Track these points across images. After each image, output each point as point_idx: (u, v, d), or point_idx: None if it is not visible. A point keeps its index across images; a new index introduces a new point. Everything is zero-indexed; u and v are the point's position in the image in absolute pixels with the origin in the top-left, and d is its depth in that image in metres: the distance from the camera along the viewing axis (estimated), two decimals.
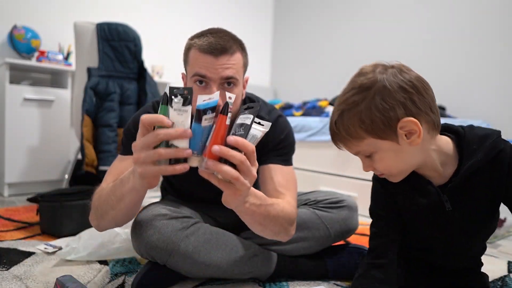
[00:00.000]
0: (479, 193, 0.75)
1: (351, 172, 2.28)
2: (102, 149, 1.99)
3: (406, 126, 0.68)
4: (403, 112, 0.68)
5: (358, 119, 0.69)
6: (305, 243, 1.08)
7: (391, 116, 0.67)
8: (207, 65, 0.91)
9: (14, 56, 2.35)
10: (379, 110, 0.68)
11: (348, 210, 1.13)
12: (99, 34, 2.00)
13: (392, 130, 0.69)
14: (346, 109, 0.71)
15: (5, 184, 2.15)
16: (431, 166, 0.76)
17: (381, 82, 0.69)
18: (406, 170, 0.75)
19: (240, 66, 0.96)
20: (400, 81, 0.68)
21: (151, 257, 0.98)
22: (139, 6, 3.04)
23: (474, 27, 2.49)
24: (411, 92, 0.68)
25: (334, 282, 1.11)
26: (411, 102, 0.68)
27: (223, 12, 3.59)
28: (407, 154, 0.71)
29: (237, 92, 0.96)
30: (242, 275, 1.03)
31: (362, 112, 0.69)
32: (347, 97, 0.72)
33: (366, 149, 0.73)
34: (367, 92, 0.69)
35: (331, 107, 2.50)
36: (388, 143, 0.70)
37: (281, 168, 1.04)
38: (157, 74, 2.93)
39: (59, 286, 0.90)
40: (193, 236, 0.98)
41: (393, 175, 0.76)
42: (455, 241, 0.82)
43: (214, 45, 0.91)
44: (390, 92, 0.68)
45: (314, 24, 3.61)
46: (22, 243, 1.35)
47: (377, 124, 0.68)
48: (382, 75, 0.70)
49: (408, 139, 0.69)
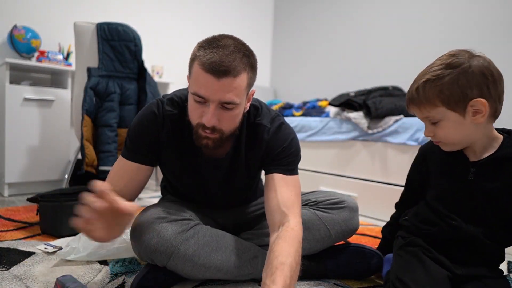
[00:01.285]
0: (502, 181, 0.84)
1: (351, 172, 2.28)
2: (102, 149, 1.99)
3: (476, 105, 0.80)
4: (477, 93, 0.80)
5: (439, 89, 0.81)
6: (306, 244, 1.08)
7: (467, 93, 0.80)
8: (207, 86, 0.86)
9: (14, 56, 2.35)
10: (459, 86, 0.80)
11: (348, 210, 1.12)
12: (99, 34, 2.00)
13: (463, 105, 0.81)
14: (430, 79, 0.82)
15: (5, 184, 2.15)
16: (476, 147, 0.87)
17: (467, 64, 0.81)
18: (459, 143, 0.87)
19: (243, 88, 0.89)
20: (484, 68, 0.81)
21: (151, 260, 0.98)
22: (139, 6, 3.04)
23: (474, 27, 2.49)
24: (489, 80, 0.80)
25: (334, 282, 1.11)
26: (486, 87, 0.80)
27: (223, 12, 3.59)
28: (466, 130, 0.84)
29: (236, 112, 0.93)
30: (242, 277, 1.03)
31: (444, 84, 0.81)
32: (434, 70, 0.83)
33: (435, 116, 0.84)
34: (454, 69, 0.81)
35: (331, 107, 2.50)
36: (455, 115, 0.82)
37: (285, 179, 1.00)
38: (157, 74, 2.93)
39: (59, 286, 0.90)
40: (193, 238, 0.98)
41: (447, 143, 0.87)
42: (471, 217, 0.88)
43: (217, 66, 0.84)
44: (473, 74, 0.80)
45: (314, 25, 3.61)
46: (22, 243, 1.35)
47: (453, 97, 0.81)
48: (469, 59, 0.81)
49: (473, 117, 0.82)
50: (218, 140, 0.94)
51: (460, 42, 2.54)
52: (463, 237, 0.88)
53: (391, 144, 2.06)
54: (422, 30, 2.76)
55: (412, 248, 0.94)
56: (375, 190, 2.13)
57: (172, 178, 1.16)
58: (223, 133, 0.94)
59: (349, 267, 1.13)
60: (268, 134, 1.05)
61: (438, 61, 0.85)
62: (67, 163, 2.32)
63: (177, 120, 1.03)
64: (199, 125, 0.92)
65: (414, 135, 1.94)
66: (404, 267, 0.89)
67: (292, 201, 0.97)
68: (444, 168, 0.93)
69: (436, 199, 0.94)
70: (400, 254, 0.95)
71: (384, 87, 2.38)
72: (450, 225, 0.89)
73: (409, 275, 0.85)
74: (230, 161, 1.08)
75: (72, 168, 2.26)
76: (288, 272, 0.79)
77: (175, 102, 1.05)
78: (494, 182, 0.85)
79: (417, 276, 0.84)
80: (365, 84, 2.92)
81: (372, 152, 2.17)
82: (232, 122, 0.95)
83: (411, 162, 1.08)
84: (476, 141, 0.86)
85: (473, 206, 0.87)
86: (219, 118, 0.90)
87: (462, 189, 0.89)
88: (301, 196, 1.21)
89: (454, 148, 0.88)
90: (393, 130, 2.05)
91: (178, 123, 1.03)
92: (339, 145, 2.35)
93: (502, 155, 0.84)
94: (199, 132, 0.93)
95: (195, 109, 0.92)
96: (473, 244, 0.87)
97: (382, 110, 2.11)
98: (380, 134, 2.10)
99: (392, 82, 2.82)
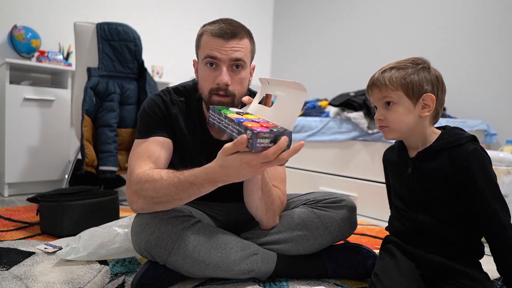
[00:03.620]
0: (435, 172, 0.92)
1: (351, 172, 2.28)
2: (102, 149, 1.99)
3: (427, 100, 0.93)
4: (431, 90, 0.93)
5: (402, 76, 0.93)
6: (305, 242, 1.08)
7: (423, 86, 0.92)
8: (218, 47, 1.00)
9: (14, 56, 2.35)
10: (419, 78, 0.93)
11: (347, 209, 1.13)
12: (99, 34, 2.00)
13: (418, 96, 0.93)
14: (396, 67, 0.95)
15: (5, 184, 2.15)
16: (413, 141, 0.98)
17: (427, 65, 0.96)
18: (401, 130, 0.95)
19: (248, 50, 1.06)
20: (438, 74, 0.96)
21: (151, 256, 0.99)
22: (139, 6, 3.04)
23: (473, 27, 2.49)
24: (440, 84, 0.95)
25: (333, 282, 1.11)
26: (437, 89, 0.94)
27: (223, 12, 3.59)
28: (412, 119, 0.94)
29: (244, 75, 1.05)
30: (241, 275, 1.03)
31: (408, 73, 0.93)
32: (401, 62, 0.96)
33: (393, 97, 0.94)
34: (418, 65, 0.94)
35: (331, 107, 2.50)
36: (409, 102, 0.93)
37: (275, 168, 1.12)
38: (157, 74, 2.93)
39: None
40: (193, 235, 0.99)
41: (392, 128, 0.95)
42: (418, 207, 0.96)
43: (225, 30, 1.01)
44: (430, 74, 0.94)
45: (314, 24, 3.61)
46: (22, 243, 1.35)
47: (412, 86, 0.92)
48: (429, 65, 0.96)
49: (421, 109, 0.93)
50: (230, 105, 1.04)
51: (462, 42, 2.54)
52: (418, 227, 0.96)
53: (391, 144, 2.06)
54: (422, 30, 2.76)
55: (386, 245, 1.04)
56: (375, 190, 2.13)
57: (180, 163, 1.15)
58: (235, 96, 1.04)
59: (349, 267, 1.13)
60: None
61: (402, 59, 0.97)
62: (67, 163, 2.32)
63: (185, 106, 1.13)
64: (212, 91, 1.03)
65: None
66: (379, 263, 1.00)
67: (280, 182, 1.14)
68: (394, 168, 1.06)
69: (395, 196, 1.05)
70: (380, 253, 1.05)
71: None
72: (405, 217, 0.99)
73: (381, 268, 0.96)
74: None
75: (72, 168, 2.26)
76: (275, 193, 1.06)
77: (180, 91, 1.15)
78: (427, 173, 0.93)
79: (388, 268, 0.95)
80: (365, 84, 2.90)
81: (372, 152, 2.17)
82: (242, 85, 1.06)
83: None
84: (415, 134, 0.96)
85: (415, 197, 0.97)
86: (231, 79, 1.02)
87: (405, 182, 0.99)
88: (300, 196, 1.22)
89: (396, 135, 0.97)
90: None
91: (186, 108, 1.13)
92: (339, 145, 2.35)
93: (434, 147, 0.93)
94: (212, 99, 1.04)
95: (208, 76, 1.03)
96: (429, 232, 0.94)
97: None
98: (380, 134, 2.10)
99: None
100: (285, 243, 1.08)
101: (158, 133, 1.06)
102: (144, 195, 0.94)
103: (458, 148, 0.90)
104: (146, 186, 0.93)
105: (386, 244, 1.04)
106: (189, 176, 0.88)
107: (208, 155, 1.11)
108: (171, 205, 0.95)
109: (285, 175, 1.18)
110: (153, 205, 0.95)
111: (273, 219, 1.08)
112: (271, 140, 0.75)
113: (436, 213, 0.93)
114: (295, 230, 1.09)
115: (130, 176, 0.99)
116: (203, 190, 0.89)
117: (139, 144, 1.05)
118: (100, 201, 1.54)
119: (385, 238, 1.07)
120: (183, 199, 0.92)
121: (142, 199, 0.95)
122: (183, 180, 0.88)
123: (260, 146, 0.74)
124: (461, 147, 0.89)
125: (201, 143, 1.12)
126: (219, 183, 0.86)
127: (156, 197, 0.93)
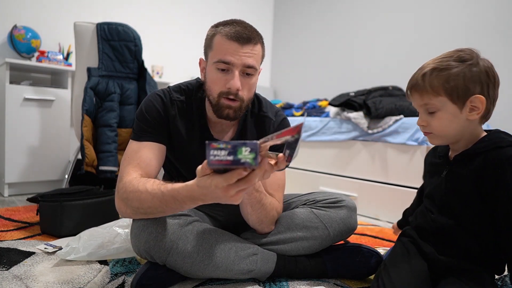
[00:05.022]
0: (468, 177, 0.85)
1: (351, 172, 2.28)
2: (102, 149, 1.99)
3: (475, 102, 0.83)
4: (479, 90, 0.83)
5: (445, 78, 0.83)
6: (304, 242, 1.08)
7: (470, 88, 0.82)
8: (232, 52, 0.97)
9: (14, 56, 2.35)
10: (464, 79, 0.82)
11: (346, 209, 1.12)
12: (99, 34, 2.00)
13: (464, 99, 0.83)
14: (439, 68, 0.84)
15: (5, 184, 2.15)
16: (461, 144, 0.90)
17: (475, 60, 0.83)
18: (448, 137, 0.88)
19: (260, 56, 1.03)
20: (488, 68, 0.84)
21: (150, 257, 0.98)
22: (139, 6, 3.04)
23: (474, 27, 2.49)
24: (491, 80, 0.84)
25: (333, 282, 1.11)
26: (487, 87, 0.83)
27: (223, 12, 3.59)
28: (459, 124, 0.85)
29: (254, 80, 1.04)
30: (241, 275, 1.03)
31: (451, 75, 0.83)
32: (443, 61, 0.85)
33: (436, 104, 0.85)
34: (463, 63, 0.83)
35: (331, 107, 2.50)
36: (454, 107, 0.84)
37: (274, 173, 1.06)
38: (157, 74, 2.93)
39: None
40: (192, 234, 0.99)
41: (438, 135, 0.89)
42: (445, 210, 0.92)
43: (241, 34, 0.97)
44: (479, 72, 0.82)
45: (314, 25, 3.61)
46: (22, 243, 1.35)
47: (457, 89, 0.82)
48: (478, 58, 0.84)
49: (469, 112, 0.84)
50: (238, 109, 1.02)
51: (462, 42, 2.54)
52: (440, 229, 0.92)
53: (391, 144, 2.06)
54: (422, 30, 2.76)
55: (404, 238, 1.02)
56: (375, 190, 2.13)
57: (179, 164, 1.15)
58: (243, 101, 1.02)
59: (349, 267, 1.13)
60: (273, 127, 1.15)
61: (445, 54, 0.87)
62: (67, 163, 2.32)
63: (185, 106, 1.10)
64: (222, 94, 1.00)
65: (414, 135, 1.94)
66: (391, 254, 0.98)
67: (278, 188, 1.11)
68: (431, 169, 1.00)
69: (425, 196, 1.00)
70: (395, 244, 1.03)
71: (384, 87, 2.37)
72: (430, 218, 0.95)
73: (392, 262, 0.93)
74: None
75: (72, 168, 2.26)
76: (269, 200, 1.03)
77: (182, 90, 1.12)
78: (461, 177, 0.88)
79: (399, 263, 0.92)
80: (365, 84, 2.91)
81: (372, 152, 2.17)
82: (251, 91, 1.04)
83: (411, 162, 1.09)
84: (463, 138, 0.89)
85: (445, 200, 0.91)
86: (242, 84, 1.00)
87: (438, 184, 0.93)
88: (300, 197, 1.22)
89: (442, 142, 0.91)
90: (393, 130, 2.05)
91: (187, 109, 1.10)
92: (339, 145, 2.35)
93: (472, 149, 0.86)
94: (221, 102, 1.01)
95: (218, 79, 1.00)
96: (449, 237, 0.91)
97: (382, 110, 2.11)
98: (380, 134, 2.10)
99: (392, 82, 2.82)
100: (285, 244, 1.08)
101: (152, 138, 1.04)
102: (130, 204, 0.93)
103: (495, 151, 0.82)
104: (131, 196, 0.92)
105: (403, 237, 1.02)
106: (172, 191, 0.85)
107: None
108: (156, 216, 0.94)
109: (283, 182, 1.14)
110: (139, 214, 0.95)
111: (268, 227, 1.08)
112: (229, 152, 0.61)
113: (460, 219, 0.88)
114: (295, 230, 1.09)
115: (118, 182, 0.98)
116: (185, 206, 0.86)
117: (132, 148, 1.03)
118: (100, 201, 1.54)
119: (403, 230, 1.05)
120: (167, 212, 0.91)
121: (129, 208, 0.94)
122: (166, 194, 0.86)
123: (215, 159, 0.62)
124: (499, 150, 0.81)
125: (200, 143, 1.11)
126: (199, 201, 0.83)
127: (141, 208, 0.92)
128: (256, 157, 0.62)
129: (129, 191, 0.92)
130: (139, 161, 0.99)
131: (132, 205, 0.93)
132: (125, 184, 0.94)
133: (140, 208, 0.92)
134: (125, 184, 0.94)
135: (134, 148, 1.03)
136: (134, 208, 0.93)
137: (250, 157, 0.62)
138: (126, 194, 0.93)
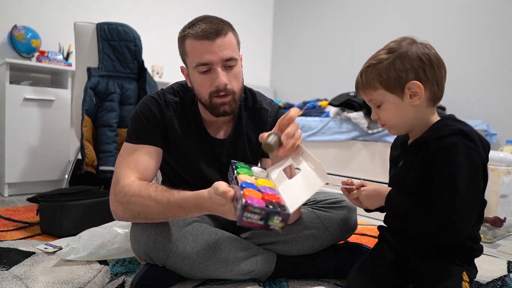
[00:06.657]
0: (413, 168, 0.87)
1: (351, 172, 2.28)
2: (102, 149, 1.98)
3: (413, 88, 0.85)
4: (413, 77, 0.84)
5: (377, 73, 0.87)
6: (305, 242, 1.08)
7: (402, 77, 0.85)
8: (207, 50, 0.96)
9: (14, 56, 2.35)
10: (395, 69, 0.85)
11: (347, 210, 1.13)
12: (99, 34, 2.00)
13: (400, 87, 0.85)
14: (372, 64, 0.88)
15: (5, 184, 2.15)
16: (415, 132, 0.91)
17: (404, 48, 0.86)
18: (401, 126, 0.90)
19: (234, 44, 1.01)
20: (420, 53, 0.85)
21: (150, 259, 0.98)
22: (139, 6, 3.04)
23: (474, 27, 2.49)
24: (425, 64, 0.85)
25: (334, 282, 1.11)
26: (423, 71, 0.85)
27: (223, 12, 3.59)
28: (406, 112, 0.87)
29: (238, 69, 1.02)
30: (241, 275, 1.03)
31: (382, 68, 0.86)
32: (376, 56, 0.89)
33: (377, 98, 0.89)
34: (392, 54, 0.86)
35: (331, 107, 2.50)
36: (394, 97, 0.87)
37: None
38: (157, 74, 2.93)
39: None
40: (191, 235, 0.98)
41: (391, 126, 0.91)
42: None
43: (208, 30, 0.96)
44: (409, 59, 0.85)
45: (314, 24, 3.61)
46: (22, 243, 1.35)
47: (390, 80, 0.85)
48: (408, 45, 0.87)
49: (410, 99, 0.86)
50: (232, 102, 1.02)
51: (462, 42, 2.55)
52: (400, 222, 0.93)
53: None
54: (422, 30, 2.76)
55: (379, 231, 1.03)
56: None
57: (177, 166, 1.15)
58: (235, 93, 1.02)
59: (349, 267, 1.12)
60: (270, 117, 1.14)
61: (384, 47, 0.91)
62: (67, 163, 2.32)
63: (180, 106, 1.10)
64: (212, 94, 1.00)
65: None
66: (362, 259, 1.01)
67: None
68: (392, 160, 1.02)
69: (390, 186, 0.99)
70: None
71: None
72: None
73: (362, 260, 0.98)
74: (232, 142, 1.12)
75: (72, 168, 2.26)
76: None
77: (175, 91, 1.12)
78: (410, 167, 0.89)
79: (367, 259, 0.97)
80: None
81: (372, 152, 2.17)
82: (239, 80, 1.04)
83: None
84: (417, 124, 0.89)
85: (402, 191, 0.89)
86: (227, 78, 0.99)
87: (396, 174, 0.95)
88: None
89: (399, 131, 0.93)
90: None
91: (182, 109, 1.10)
92: (339, 145, 2.35)
93: (420, 139, 0.87)
94: (213, 101, 1.01)
95: (204, 81, 1.00)
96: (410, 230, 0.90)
97: None
98: (380, 134, 2.10)
99: None
100: (285, 244, 1.08)
101: (148, 141, 1.03)
102: (131, 209, 0.93)
103: (437, 140, 0.81)
104: (133, 200, 0.91)
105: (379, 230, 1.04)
106: (179, 199, 0.86)
107: (206, 154, 1.11)
108: (157, 221, 0.95)
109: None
110: (139, 219, 0.95)
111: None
112: (262, 218, 0.66)
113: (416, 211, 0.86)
114: (295, 230, 1.08)
115: (115, 185, 0.96)
116: (190, 214, 0.88)
117: (128, 150, 1.02)
118: (100, 201, 1.54)
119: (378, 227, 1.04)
120: (169, 218, 0.94)
121: (128, 212, 0.94)
122: (172, 201, 0.87)
123: (247, 221, 0.66)
124: (440, 141, 0.81)
125: (198, 142, 1.11)
126: (206, 211, 0.85)
127: (142, 213, 0.92)
128: (284, 226, 0.66)
129: (130, 195, 0.92)
130: (136, 163, 0.98)
131: (133, 209, 0.92)
132: (123, 187, 0.94)
133: (142, 213, 0.92)
134: (124, 188, 0.93)
135: (130, 151, 1.02)
136: (134, 212, 0.93)
137: (279, 226, 0.66)
138: (126, 198, 0.92)
